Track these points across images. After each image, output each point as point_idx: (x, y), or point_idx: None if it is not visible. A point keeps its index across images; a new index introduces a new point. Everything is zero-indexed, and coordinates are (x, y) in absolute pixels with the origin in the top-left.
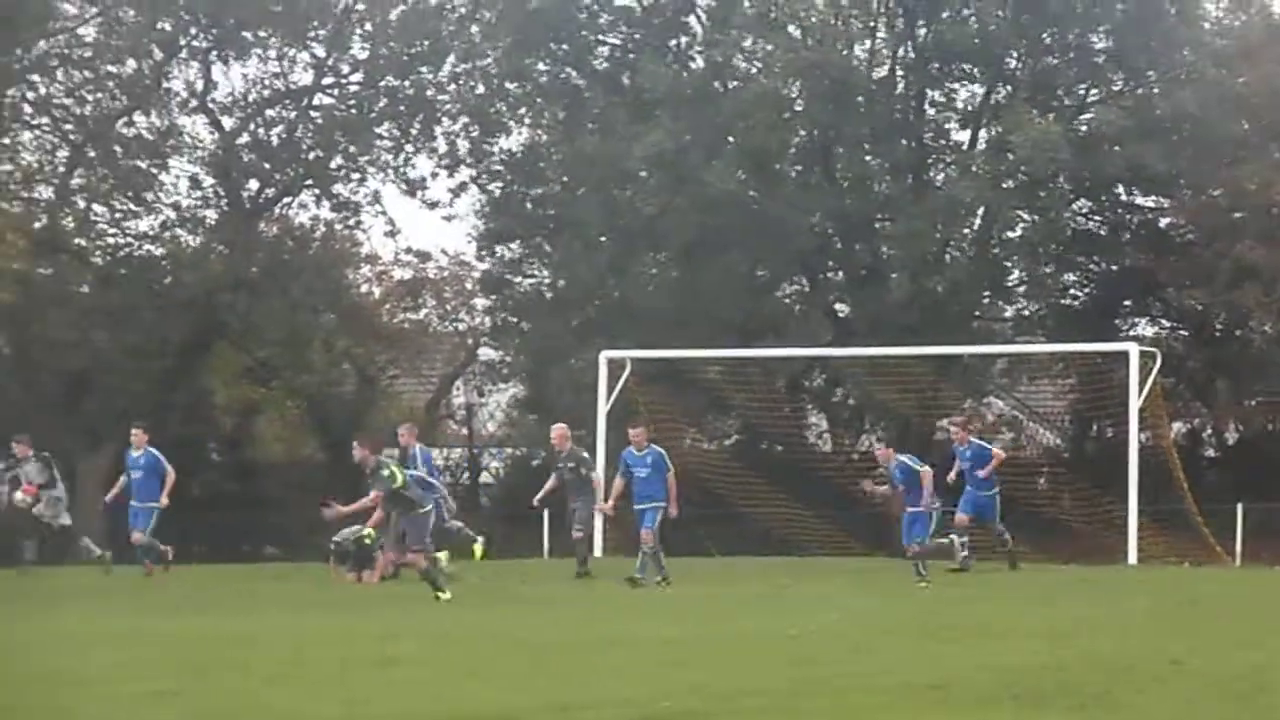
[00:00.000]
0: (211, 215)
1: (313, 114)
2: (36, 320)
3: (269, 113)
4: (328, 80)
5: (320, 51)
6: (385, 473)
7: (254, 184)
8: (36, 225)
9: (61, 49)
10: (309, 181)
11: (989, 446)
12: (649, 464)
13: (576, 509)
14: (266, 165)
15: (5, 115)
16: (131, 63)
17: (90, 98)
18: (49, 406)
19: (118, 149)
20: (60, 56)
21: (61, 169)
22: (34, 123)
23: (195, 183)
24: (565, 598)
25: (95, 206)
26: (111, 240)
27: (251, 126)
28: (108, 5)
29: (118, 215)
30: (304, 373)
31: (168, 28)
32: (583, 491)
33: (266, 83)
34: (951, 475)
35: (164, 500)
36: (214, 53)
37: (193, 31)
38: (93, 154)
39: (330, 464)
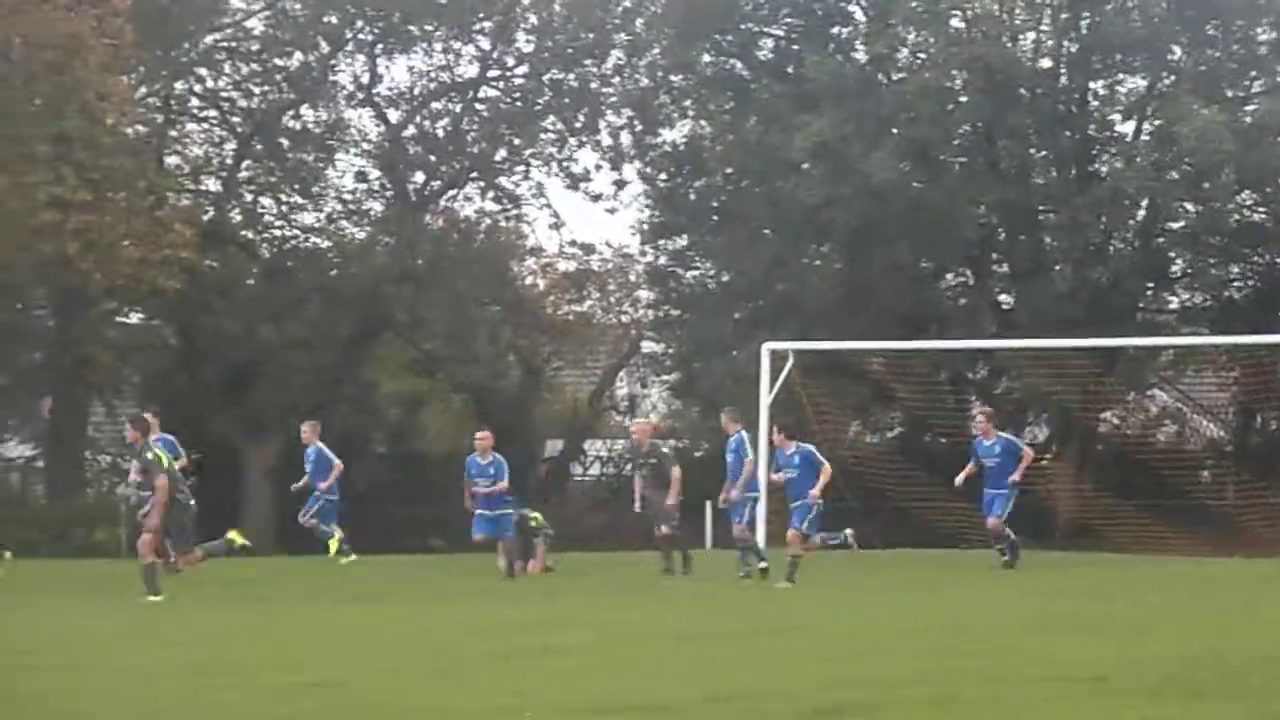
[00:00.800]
0: (377, 208)
1: (478, 107)
2: (203, 312)
3: (434, 105)
4: (493, 73)
5: (485, 44)
6: (150, 455)
7: (419, 177)
8: (204, 218)
9: (229, 42)
10: (474, 174)
11: (1019, 442)
12: (797, 464)
13: (654, 504)
14: (432, 158)
15: (173, 108)
16: (298, 56)
17: (257, 91)
18: (214, 398)
19: (284, 142)
20: (228, 50)
21: (229, 162)
22: (202, 115)
23: (361, 175)
24: (725, 590)
25: (262, 199)
26: (278, 233)
27: (417, 119)
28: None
29: (284, 208)
30: (469, 365)
31: (334, 21)
32: (660, 488)
33: (432, 75)
34: (968, 471)
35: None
36: (380, 46)
37: (359, 24)
38: (260, 147)
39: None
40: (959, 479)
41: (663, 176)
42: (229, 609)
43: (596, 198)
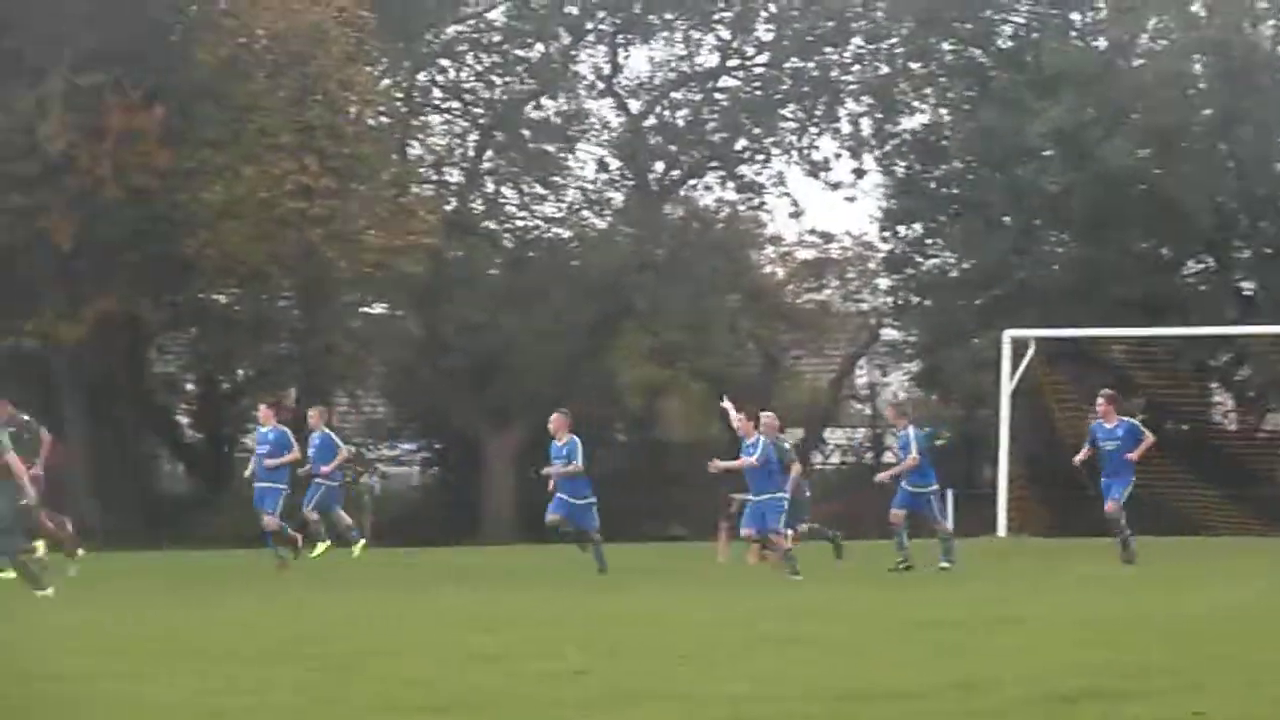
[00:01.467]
0: (618, 198)
1: (718, 96)
2: (446, 302)
3: (675, 95)
4: (733, 62)
5: (725, 34)
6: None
7: (660, 166)
8: (447, 208)
9: (471, 34)
10: (714, 163)
11: (1141, 427)
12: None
13: None
14: (672, 148)
15: (416, 99)
16: (539, 47)
17: (499, 82)
18: (457, 388)
19: (526, 132)
20: (470, 41)
21: (471, 153)
22: (444, 107)
23: (602, 165)
24: (968, 576)
25: (504, 189)
26: (520, 223)
27: (657, 109)
28: None
29: (526, 198)
30: (708, 354)
31: (575, 12)
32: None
33: (672, 65)
34: (1084, 454)
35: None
36: (621, 36)
37: (600, 15)
38: (501, 137)
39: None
40: (1077, 459)
41: (902, 164)
42: (481, 596)
43: (835, 186)
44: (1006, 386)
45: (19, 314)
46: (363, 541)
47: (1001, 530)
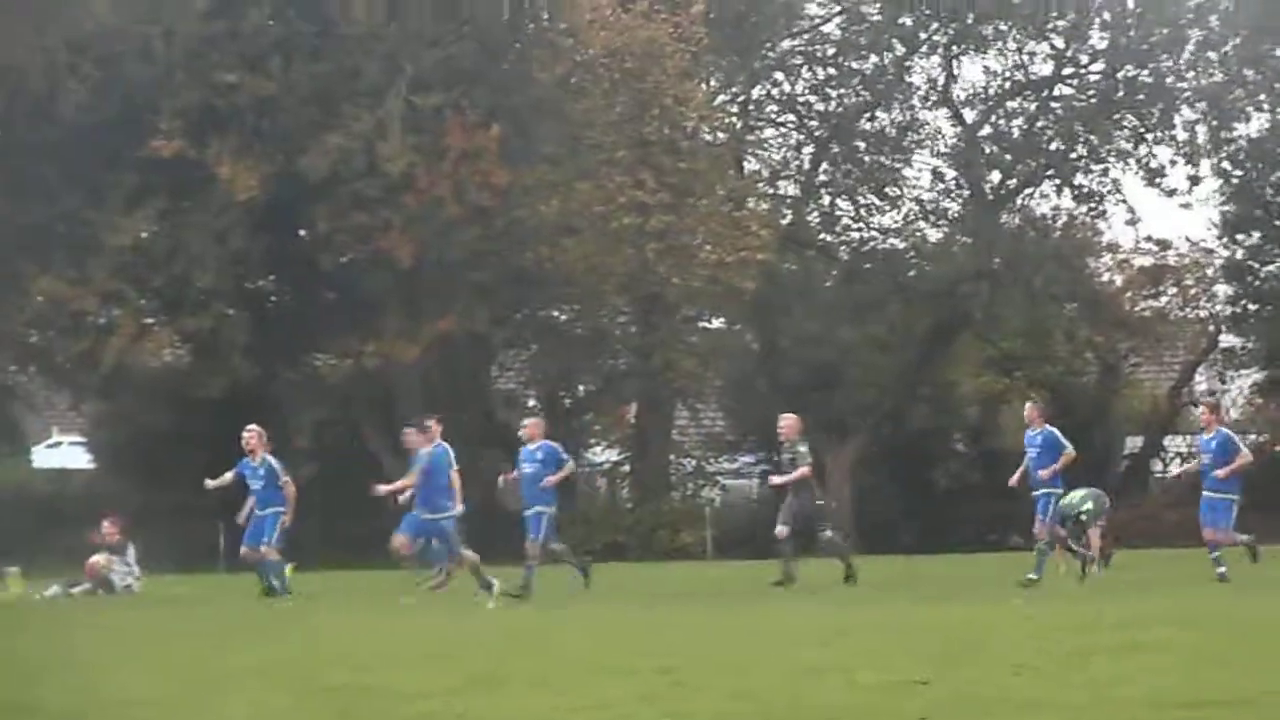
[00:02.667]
0: (954, 207)
1: (1053, 105)
2: (782, 315)
3: (1010, 104)
4: (1067, 71)
5: (1059, 43)
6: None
7: (995, 176)
8: (782, 221)
9: (805, 47)
10: (1050, 172)
11: (1236, 439)
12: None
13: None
14: (1008, 157)
15: (751, 112)
16: (873, 58)
17: (834, 94)
18: (795, 399)
19: (860, 144)
20: (804, 54)
21: (806, 165)
22: (779, 120)
23: (937, 176)
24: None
25: (839, 201)
26: (855, 235)
27: (992, 119)
28: (852, 2)
29: (861, 210)
30: (1046, 362)
31: (909, 23)
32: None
33: (1006, 75)
34: (1188, 468)
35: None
36: (955, 46)
37: (934, 26)
38: (836, 149)
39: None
40: (1179, 471)
41: (1238, 171)
42: (815, 608)
43: (1171, 193)
44: None
45: (361, 334)
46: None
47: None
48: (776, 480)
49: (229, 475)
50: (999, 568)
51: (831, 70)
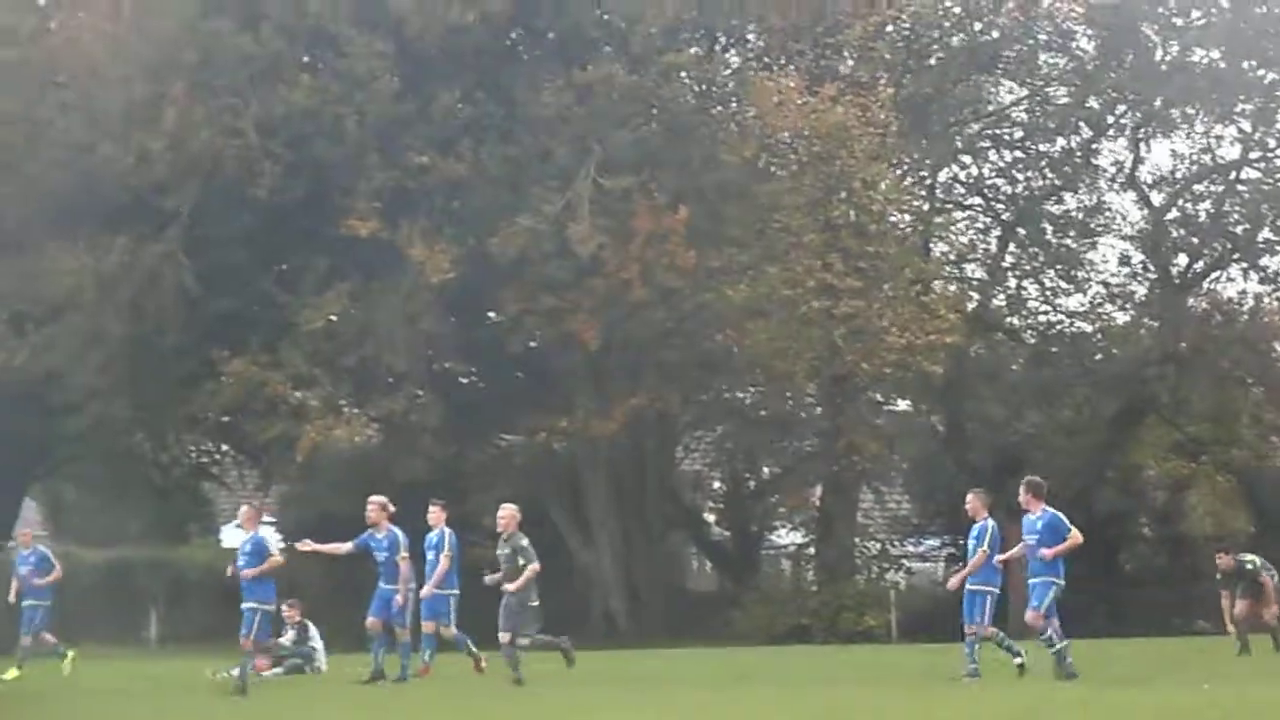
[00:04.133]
0: (1140, 290)
1: (1239, 187)
2: (969, 398)
3: (1197, 188)
4: (1254, 154)
5: (1246, 126)
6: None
7: (1182, 258)
8: (969, 304)
9: (993, 130)
10: (1236, 255)
11: (1064, 520)
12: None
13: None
14: (1195, 240)
15: (938, 196)
16: (1060, 141)
17: (1020, 177)
18: (981, 482)
19: (1047, 227)
20: (991, 137)
21: (993, 248)
22: (966, 203)
23: (1124, 259)
24: None
25: (1026, 284)
26: (1043, 318)
27: (1180, 201)
28: (1039, 85)
29: (1048, 293)
30: (1233, 446)
31: (1096, 106)
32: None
33: (1194, 158)
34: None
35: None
36: (1142, 129)
37: (1121, 109)
38: (1023, 232)
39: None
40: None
41: None
42: (1004, 691)
43: None
44: None
45: (550, 412)
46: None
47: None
48: (490, 578)
49: (346, 545)
50: (1184, 651)
51: (1018, 153)
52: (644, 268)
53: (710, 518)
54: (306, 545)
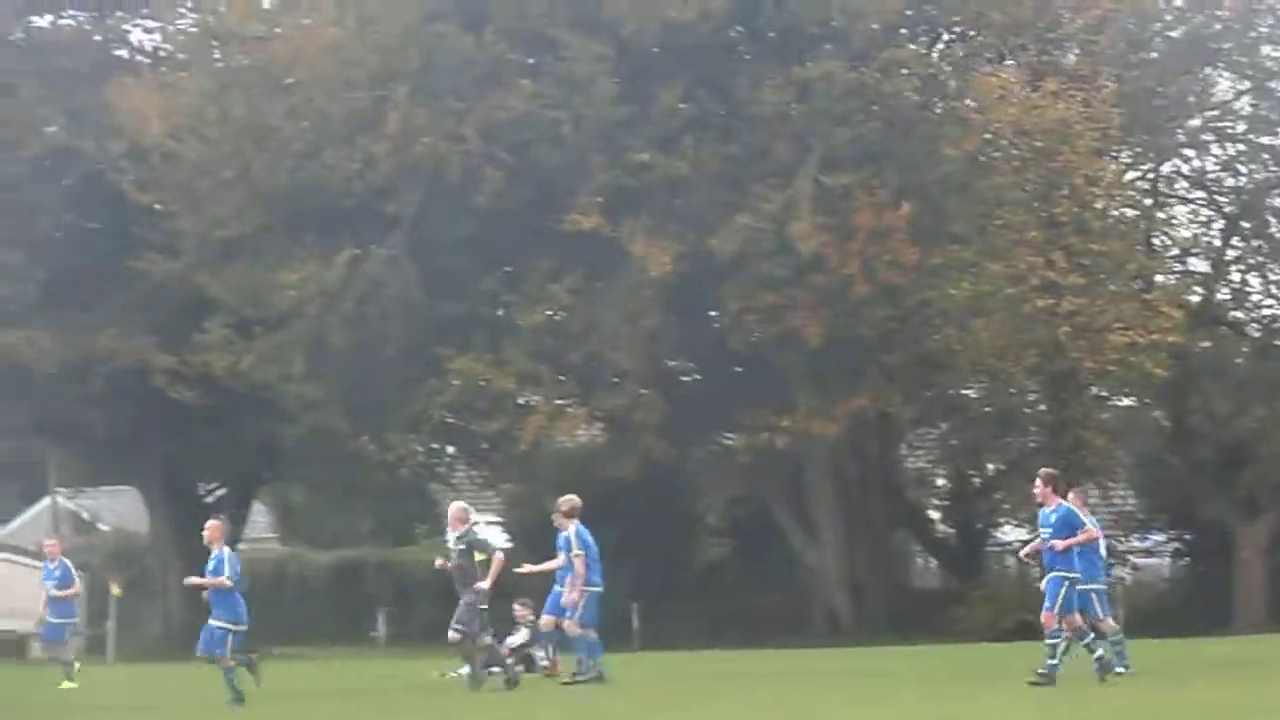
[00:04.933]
0: None
1: None
2: (1193, 393)
3: None
4: None
5: None
6: None
7: None
8: (1192, 298)
9: (1215, 123)
10: None
11: (1079, 513)
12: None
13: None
14: None
15: (1160, 190)
16: None
17: (1243, 169)
18: (1206, 479)
19: (1271, 220)
20: (1214, 130)
21: (1216, 242)
22: (1189, 197)
23: None
24: None
25: (1250, 278)
26: (1267, 311)
27: None
28: (1260, 78)
29: (1272, 286)
30: None
31: None
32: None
33: None
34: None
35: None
36: None
37: None
38: (1247, 225)
39: None
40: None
41: None
42: (1230, 687)
43: None
44: None
45: (771, 411)
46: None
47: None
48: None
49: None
50: None
51: (1241, 146)
52: (865, 264)
53: (934, 515)
54: (526, 569)
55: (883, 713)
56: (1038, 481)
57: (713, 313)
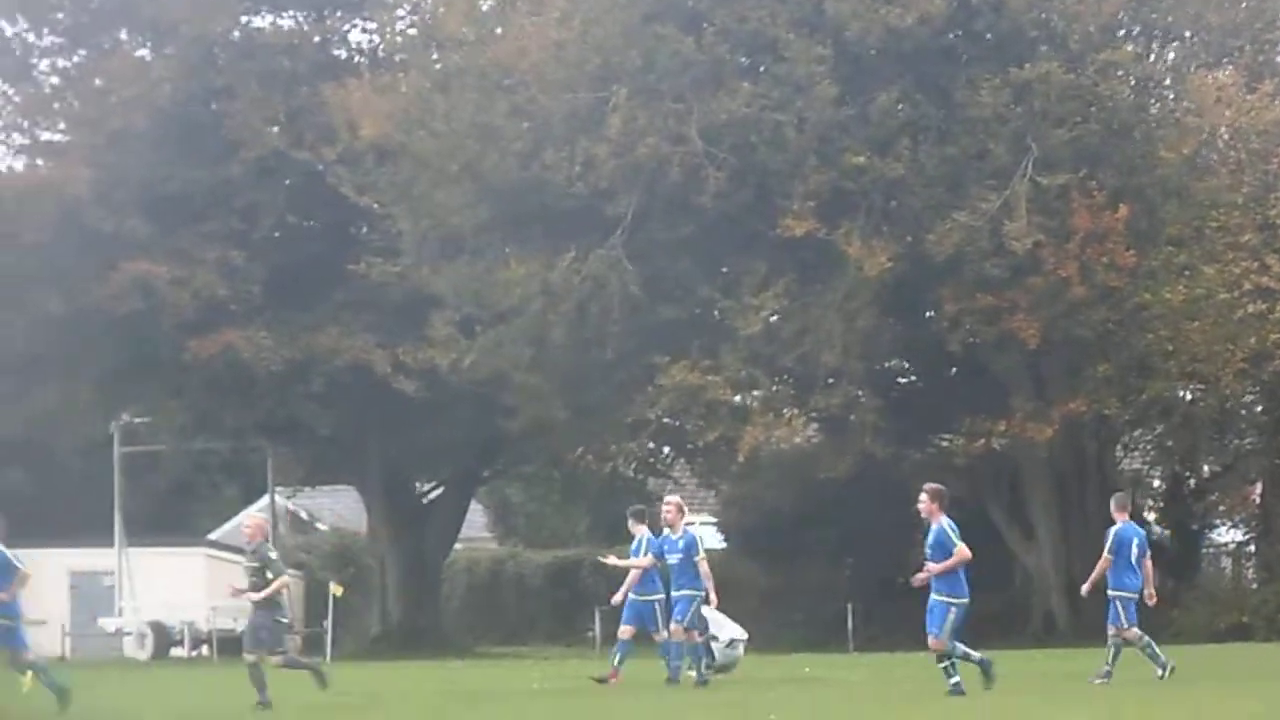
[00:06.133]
0: None
1: None
2: None
3: None
4: None
5: None
6: None
7: None
8: None
9: None
10: None
11: (950, 533)
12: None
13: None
14: None
15: None
16: None
17: None
18: None
19: None
20: None
21: None
22: None
23: None
24: None
25: None
26: None
27: None
28: None
29: None
30: None
31: None
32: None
33: None
34: None
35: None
36: None
37: None
38: None
39: None
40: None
41: None
42: None
43: None
44: None
45: (989, 414)
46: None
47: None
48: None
49: (647, 559)
50: None
51: None
52: (1082, 266)
53: (1151, 516)
54: (610, 559)
55: (1095, 713)
56: (923, 496)
57: (929, 314)
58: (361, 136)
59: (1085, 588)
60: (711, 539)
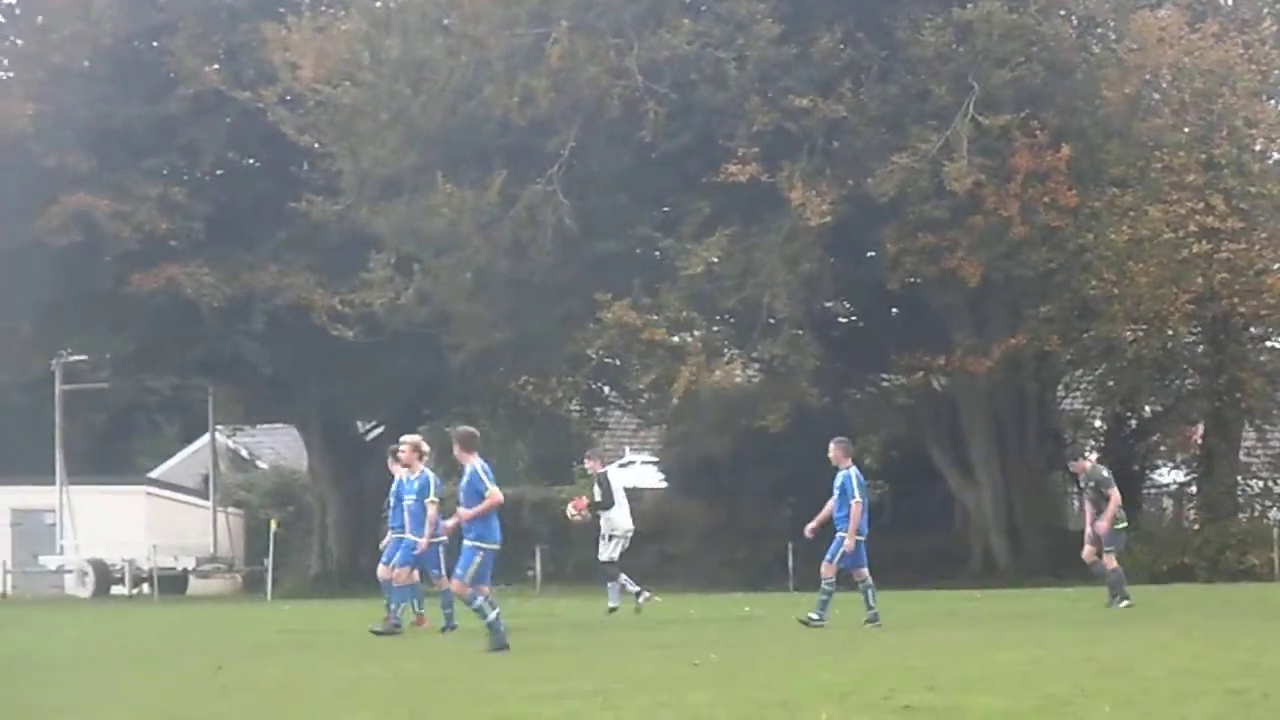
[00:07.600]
0: None
1: None
2: None
3: None
4: None
5: None
6: None
7: None
8: None
9: None
10: None
11: (484, 477)
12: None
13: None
14: None
15: None
16: None
17: None
18: None
19: None
20: None
21: None
22: None
23: None
24: None
25: None
26: None
27: None
28: None
29: None
30: None
31: None
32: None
33: None
34: None
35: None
36: None
37: None
38: None
39: None
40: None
41: None
42: None
43: None
44: None
45: (929, 352)
46: None
47: None
48: None
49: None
50: None
51: None
52: (1024, 206)
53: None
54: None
55: (1033, 654)
56: (456, 445)
57: (871, 254)
58: (299, 77)
59: (811, 526)
60: (652, 479)
